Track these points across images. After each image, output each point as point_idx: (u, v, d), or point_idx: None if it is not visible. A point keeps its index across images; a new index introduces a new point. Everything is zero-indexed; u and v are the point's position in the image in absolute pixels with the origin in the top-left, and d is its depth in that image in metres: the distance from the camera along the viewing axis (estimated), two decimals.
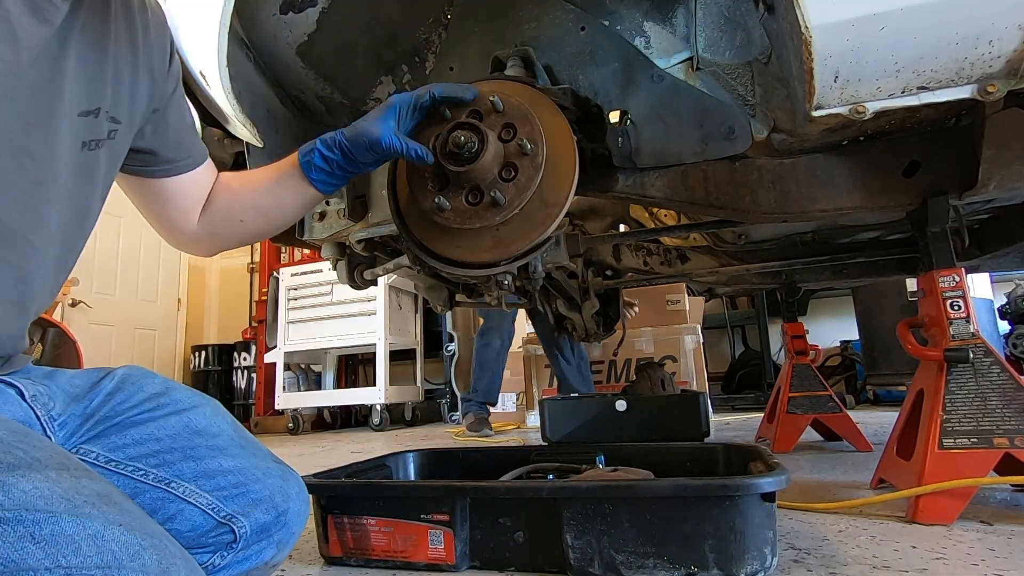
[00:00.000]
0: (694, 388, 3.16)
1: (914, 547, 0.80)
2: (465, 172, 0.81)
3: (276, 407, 4.29)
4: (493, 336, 3.05)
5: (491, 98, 0.84)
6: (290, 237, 1.28)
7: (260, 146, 0.97)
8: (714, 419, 2.87)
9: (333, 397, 4.30)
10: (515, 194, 0.83)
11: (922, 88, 0.71)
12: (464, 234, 0.86)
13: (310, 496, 0.84)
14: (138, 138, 0.75)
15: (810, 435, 1.89)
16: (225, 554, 0.65)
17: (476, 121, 0.82)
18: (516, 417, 3.70)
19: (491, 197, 0.82)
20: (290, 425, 4.19)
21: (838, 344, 4.20)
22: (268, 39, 1.03)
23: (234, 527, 0.65)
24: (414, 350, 4.58)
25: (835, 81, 0.71)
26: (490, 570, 0.79)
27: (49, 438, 0.60)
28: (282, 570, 0.87)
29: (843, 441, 1.78)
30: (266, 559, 0.68)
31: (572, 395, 2.18)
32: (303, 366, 4.70)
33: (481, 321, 4.54)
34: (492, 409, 3.82)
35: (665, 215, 1.64)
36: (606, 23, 0.95)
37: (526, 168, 0.83)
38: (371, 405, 4.01)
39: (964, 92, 0.70)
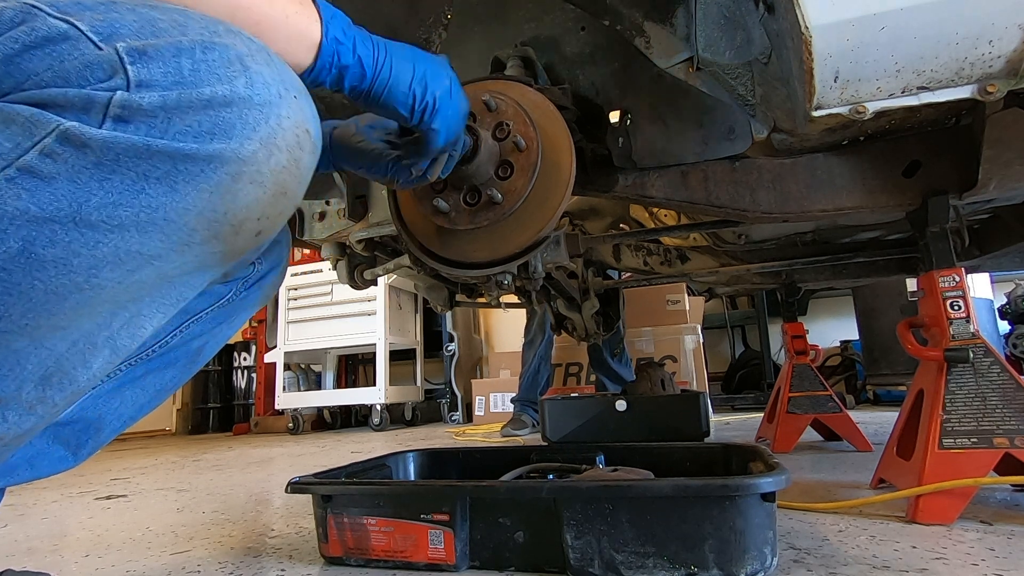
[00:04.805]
0: (694, 388, 3.16)
1: (914, 547, 0.80)
2: (461, 172, 0.81)
3: (276, 407, 4.29)
4: (535, 334, 3.10)
5: (484, 98, 0.85)
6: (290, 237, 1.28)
7: None
8: (714, 419, 2.86)
9: (333, 397, 4.29)
10: (512, 192, 0.83)
11: (922, 88, 0.71)
12: (463, 235, 0.86)
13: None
14: None
15: (810, 435, 1.89)
16: None
17: (469, 122, 0.82)
18: None
19: (488, 196, 0.82)
20: (290, 425, 4.19)
21: (838, 344, 4.20)
22: None
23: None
24: (414, 350, 4.58)
25: (835, 81, 0.71)
26: (490, 570, 0.79)
27: None
28: (282, 570, 0.87)
29: (843, 441, 1.77)
30: None
31: (572, 395, 2.18)
32: (303, 366, 4.69)
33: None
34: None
35: (665, 215, 1.64)
36: (606, 23, 0.95)
37: (521, 164, 0.83)
38: (371, 405, 4.01)
39: (964, 92, 0.70)
